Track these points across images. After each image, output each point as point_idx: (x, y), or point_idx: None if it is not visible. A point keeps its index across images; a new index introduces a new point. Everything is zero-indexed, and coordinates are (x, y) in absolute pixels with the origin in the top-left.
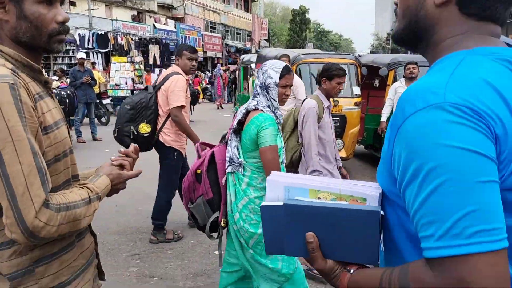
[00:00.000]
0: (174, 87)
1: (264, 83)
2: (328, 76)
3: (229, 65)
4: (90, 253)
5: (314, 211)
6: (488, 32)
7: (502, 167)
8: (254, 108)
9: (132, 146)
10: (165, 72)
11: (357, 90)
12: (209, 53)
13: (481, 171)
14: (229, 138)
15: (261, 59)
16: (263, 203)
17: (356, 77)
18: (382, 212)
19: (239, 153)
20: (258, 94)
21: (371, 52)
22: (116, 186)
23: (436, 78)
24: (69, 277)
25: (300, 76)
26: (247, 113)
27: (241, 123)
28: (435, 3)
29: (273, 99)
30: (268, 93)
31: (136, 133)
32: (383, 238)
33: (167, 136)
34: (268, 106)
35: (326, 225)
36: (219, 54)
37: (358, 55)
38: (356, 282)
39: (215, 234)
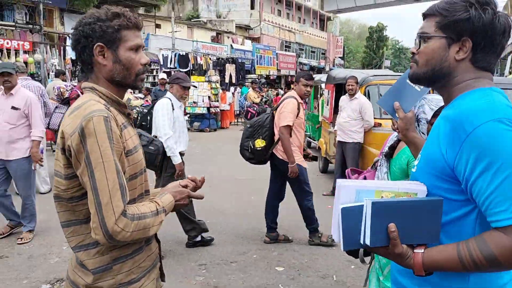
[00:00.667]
0: (285, 109)
1: (417, 116)
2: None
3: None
4: (156, 256)
5: (396, 205)
6: (489, 78)
7: None
8: None
9: (202, 177)
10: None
11: None
12: (283, 71)
13: None
14: (380, 164)
15: (330, 80)
16: (343, 206)
17: None
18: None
19: (388, 180)
20: None
21: None
22: (179, 202)
23: (484, 102)
24: (138, 275)
25: (368, 97)
26: (399, 140)
27: (393, 147)
28: (456, 59)
29: (422, 133)
30: (418, 126)
31: (252, 147)
32: None
33: (281, 151)
34: None
35: (402, 216)
36: (292, 72)
37: None
38: (431, 257)
39: (367, 259)
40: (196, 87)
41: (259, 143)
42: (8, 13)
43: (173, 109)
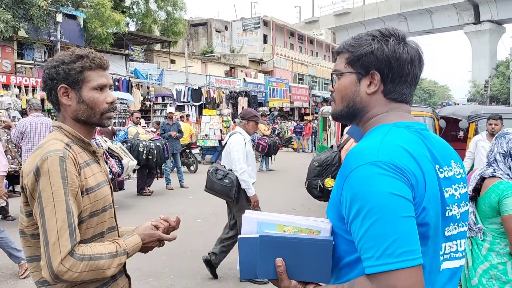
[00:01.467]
0: (350, 147)
1: (510, 151)
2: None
3: (315, 115)
4: None
5: (283, 241)
6: (404, 110)
7: (415, 208)
8: (490, 175)
9: (177, 218)
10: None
11: None
12: (296, 103)
13: (403, 209)
14: None
15: None
16: (241, 236)
17: (433, 130)
18: (333, 242)
19: (476, 219)
20: (495, 161)
21: (468, 99)
22: (148, 245)
23: (371, 142)
24: None
25: None
26: (482, 179)
27: (476, 190)
28: (368, 93)
29: None
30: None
31: (322, 186)
32: (333, 261)
33: None
34: (508, 174)
35: (291, 252)
36: (305, 104)
37: (454, 102)
38: None
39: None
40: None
41: (330, 183)
42: (28, 51)
43: (245, 143)
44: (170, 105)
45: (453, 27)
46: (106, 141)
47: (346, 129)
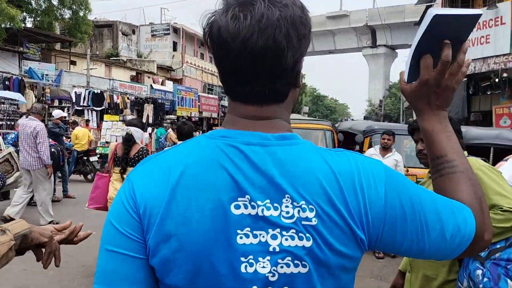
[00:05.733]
0: None
1: None
2: None
3: None
4: None
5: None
6: (238, 113)
7: (146, 248)
8: None
9: (79, 225)
10: None
11: None
12: (205, 113)
13: (109, 241)
14: None
15: None
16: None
17: (332, 143)
18: None
19: None
20: None
21: (365, 117)
22: (37, 240)
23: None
24: None
25: None
26: None
27: None
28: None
29: None
30: None
31: None
32: None
33: None
34: None
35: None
36: (215, 115)
37: (352, 119)
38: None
39: None
40: None
41: None
42: None
43: None
44: (69, 109)
45: (352, 48)
46: None
47: None
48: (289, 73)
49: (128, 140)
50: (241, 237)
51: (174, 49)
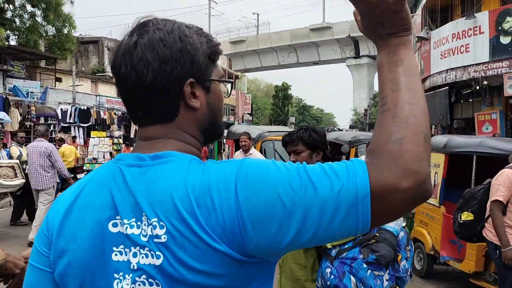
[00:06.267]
0: (496, 181)
1: None
2: None
3: None
4: None
5: None
6: (139, 137)
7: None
8: None
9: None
10: None
11: None
12: None
13: (31, 257)
14: None
15: (230, 135)
16: None
17: None
18: None
19: None
20: None
21: (350, 126)
22: (11, 270)
23: None
24: None
25: (264, 153)
26: None
27: None
28: None
29: None
30: None
31: (459, 219)
32: None
33: (488, 230)
34: None
35: None
36: None
37: (338, 129)
38: None
39: None
40: None
41: (465, 216)
42: None
43: None
44: (55, 127)
45: (337, 59)
46: None
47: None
48: (164, 94)
49: None
50: (116, 254)
51: None
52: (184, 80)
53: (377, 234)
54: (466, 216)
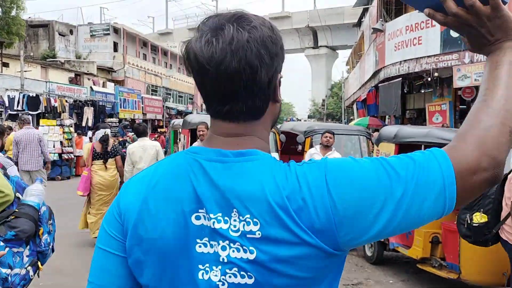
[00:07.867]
0: None
1: None
2: None
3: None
4: None
5: None
6: (214, 131)
7: (126, 249)
8: None
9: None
10: None
11: (275, 155)
12: (149, 115)
13: (100, 241)
14: None
15: (186, 125)
16: None
17: (275, 144)
18: None
19: None
20: None
21: (309, 116)
22: None
23: None
24: None
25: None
26: None
27: None
28: None
29: None
30: None
31: (469, 222)
32: None
33: (509, 233)
34: None
35: None
36: (159, 116)
37: (297, 118)
38: None
39: None
40: None
41: (478, 218)
42: None
43: None
44: (1, 115)
45: (296, 49)
46: None
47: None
48: (265, 89)
49: (106, 140)
50: (199, 246)
51: (115, 50)
52: (278, 73)
53: (17, 210)
54: (480, 217)
